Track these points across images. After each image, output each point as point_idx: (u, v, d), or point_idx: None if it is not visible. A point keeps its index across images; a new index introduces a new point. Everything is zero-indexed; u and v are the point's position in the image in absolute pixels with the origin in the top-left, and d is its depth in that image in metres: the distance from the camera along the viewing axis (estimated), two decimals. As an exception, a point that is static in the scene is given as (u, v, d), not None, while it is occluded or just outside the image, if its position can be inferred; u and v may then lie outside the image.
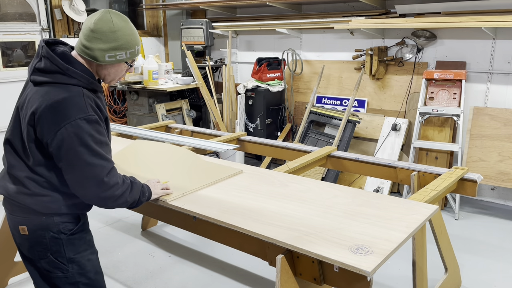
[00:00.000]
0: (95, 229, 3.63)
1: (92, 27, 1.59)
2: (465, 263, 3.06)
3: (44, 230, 1.65)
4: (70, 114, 1.52)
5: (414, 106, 4.28)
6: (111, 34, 1.60)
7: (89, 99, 1.58)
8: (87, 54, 1.61)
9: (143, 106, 5.16)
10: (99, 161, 1.55)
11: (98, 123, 1.58)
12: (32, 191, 1.62)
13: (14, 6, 4.91)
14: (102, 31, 1.59)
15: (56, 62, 1.57)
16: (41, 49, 1.59)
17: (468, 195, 2.45)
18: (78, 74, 1.58)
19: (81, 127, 1.52)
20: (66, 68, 1.57)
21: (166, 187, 1.95)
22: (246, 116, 5.06)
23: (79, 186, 1.57)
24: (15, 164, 1.65)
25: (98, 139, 1.57)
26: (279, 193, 2.06)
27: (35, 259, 1.70)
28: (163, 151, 2.45)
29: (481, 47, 3.95)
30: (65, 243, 1.68)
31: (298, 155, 2.92)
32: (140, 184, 1.77)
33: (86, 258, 1.74)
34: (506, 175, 3.72)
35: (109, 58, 1.62)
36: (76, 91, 1.56)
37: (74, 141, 1.51)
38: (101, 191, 1.57)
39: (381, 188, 4.21)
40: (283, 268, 1.63)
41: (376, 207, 1.87)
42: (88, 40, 1.60)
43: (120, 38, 1.62)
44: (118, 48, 1.62)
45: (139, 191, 1.74)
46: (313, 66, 5.01)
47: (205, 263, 3.14)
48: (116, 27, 1.61)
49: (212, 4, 5.24)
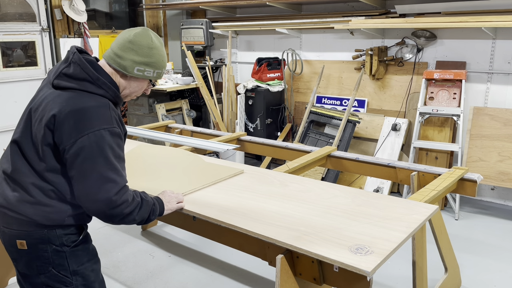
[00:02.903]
0: (95, 229, 3.63)
1: (130, 39, 1.60)
2: (465, 263, 3.06)
3: (46, 243, 1.58)
4: (95, 123, 1.49)
5: (414, 106, 4.28)
6: (147, 50, 1.62)
7: (114, 112, 1.57)
8: (117, 63, 1.61)
9: (143, 106, 5.16)
10: (113, 176, 1.51)
11: (120, 138, 1.56)
12: (36, 199, 1.55)
13: (14, 6, 4.91)
14: (140, 44, 1.61)
15: (87, 70, 1.55)
16: (72, 55, 1.58)
17: (468, 195, 2.45)
18: (107, 85, 1.57)
19: (104, 138, 1.49)
20: (96, 78, 1.55)
21: (180, 200, 1.88)
22: (246, 116, 5.06)
23: (86, 199, 1.51)
24: (20, 169, 1.58)
25: (117, 153, 1.54)
26: (279, 193, 2.06)
27: (33, 274, 1.61)
28: (165, 153, 2.45)
29: (481, 47, 3.95)
30: (68, 255, 1.62)
31: (298, 155, 2.92)
32: (151, 201, 1.69)
33: (90, 268, 1.69)
34: (506, 175, 3.72)
35: (137, 71, 1.63)
36: (103, 102, 1.55)
37: (94, 150, 1.47)
38: (108, 208, 1.51)
39: (381, 188, 4.21)
40: (283, 268, 1.63)
41: (376, 207, 1.87)
42: (122, 50, 1.60)
43: (154, 56, 1.64)
44: (149, 64, 1.64)
45: (149, 210, 1.66)
46: (313, 66, 5.01)
47: (205, 263, 3.14)
48: (154, 44, 1.64)
49: (212, 4, 5.24)
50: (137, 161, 2.36)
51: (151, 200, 1.70)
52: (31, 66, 5.08)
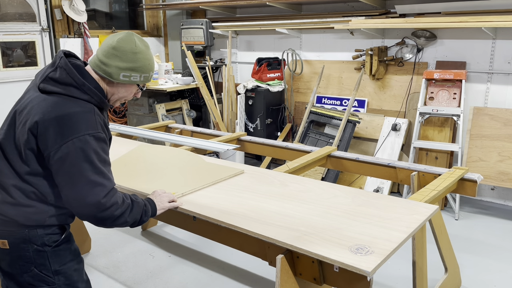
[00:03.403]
0: (95, 229, 3.63)
1: (114, 45, 1.60)
2: (465, 263, 3.06)
3: (27, 243, 1.58)
4: (80, 128, 1.49)
5: (414, 106, 4.28)
6: (131, 55, 1.61)
7: (99, 117, 1.57)
8: (102, 70, 1.61)
9: (143, 106, 5.16)
10: (101, 180, 1.52)
11: (105, 142, 1.57)
12: (17, 201, 1.56)
13: (14, 6, 4.91)
14: (123, 50, 1.60)
15: (73, 75, 1.55)
16: (58, 59, 1.57)
17: (468, 195, 2.45)
18: (92, 91, 1.57)
19: (89, 143, 1.50)
20: (82, 83, 1.55)
21: (173, 199, 1.89)
22: (246, 116, 5.06)
23: (76, 204, 1.52)
24: (2, 170, 1.59)
25: (102, 158, 1.54)
26: (279, 193, 2.06)
27: (17, 273, 1.62)
28: (165, 153, 2.45)
29: (481, 47, 3.95)
30: (50, 255, 1.62)
31: (298, 155, 2.92)
32: (142, 203, 1.71)
33: (72, 268, 1.69)
34: (506, 175, 3.72)
35: (123, 77, 1.62)
36: (88, 107, 1.55)
37: (79, 156, 1.48)
38: (98, 211, 1.52)
39: (381, 188, 4.21)
40: (283, 268, 1.63)
41: (376, 207, 1.87)
42: (106, 57, 1.60)
43: (139, 60, 1.63)
44: (134, 69, 1.63)
45: (140, 211, 1.68)
46: (313, 66, 5.01)
47: (205, 263, 3.14)
48: (138, 49, 1.63)
49: (212, 4, 5.24)
50: (138, 161, 2.37)
51: (142, 202, 1.71)
52: (31, 66, 5.08)
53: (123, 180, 2.18)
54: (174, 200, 1.91)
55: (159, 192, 1.88)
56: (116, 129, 3.50)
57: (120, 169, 2.32)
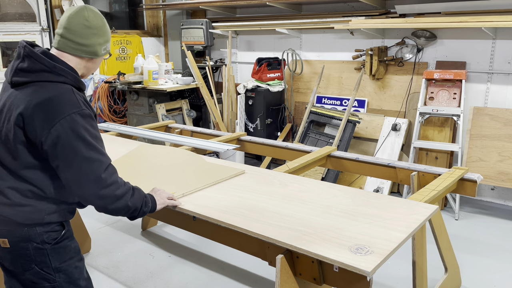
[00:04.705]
0: (95, 229, 3.63)
1: (88, 24, 1.58)
2: (465, 263, 3.06)
3: (27, 241, 1.58)
4: (63, 109, 1.49)
5: (414, 106, 4.28)
6: (103, 27, 1.64)
7: (79, 96, 1.56)
8: (85, 52, 1.60)
9: (143, 106, 5.16)
10: (96, 155, 1.52)
11: (92, 118, 1.56)
12: (13, 201, 1.56)
13: (14, 6, 4.91)
14: (98, 26, 1.61)
15: (42, 60, 1.53)
16: (22, 49, 1.55)
17: (468, 195, 2.45)
18: (65, 71, 1.56)
19: (76, 121, 1.49)
20: (52, 66, 1.54)
21: (172, 197, 1.90)
22: (246, 116, 5.06)
23: (76, 185, 1.52)
24: None
25: (93, 134, 1.54)
26: (279, 193, 2.06)
27: (19, 271, 1.63)
28: (166, 153, 2.45)
29: (481, 47, 3.95)
30: (50, 253, 1.62)
31: (298, 155, 2.92)
32: (143, 193, 1.72)
33: (73, 266, 1.69)
34: (506, 175, 3.72)
35: (103, 51, 1.65)
36: (66, 88, 1.54)
37: (70, 136, 1.48)
38: (99, 188, 1.52)
39: (381, 188, 4.21)
40: (283, 268, 1.63)
41: (376, 207, 1.87)
42: (85, 38, 1.59)
43: (107, 30, 1.67)
44: (108, 40, 1.67)
45: (141, 199, 1.68)
46: (313, 66, 5.01)
47: (205, 263, 3.14)
48: (104, 20, 1.65)
49: (212, 4, 5.24)
50: (138, 161, 2.37)
51: (142, 192, 1.72)
52: (31, 66, 5.07)
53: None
54: (174, 199, 1.91)
55: (158, 189, 1.88)
56: (116, 129, 3.50)
57: (120, 169, 2.31)
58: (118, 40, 5.95)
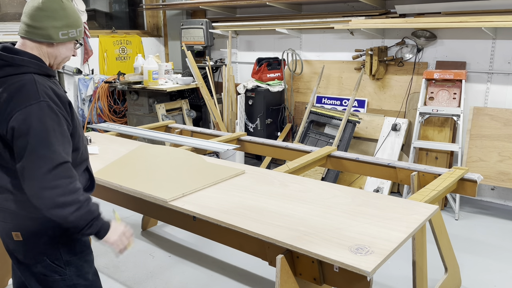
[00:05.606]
0: (95, 229, 3.63)
1: (40, 6, 1.55)
2: (465, 263, 3.06)
3: (39, 234, 1.61)
4: (21, 102, 1.46)
5: (414, 106, 4.29)
6: (62, 11, 1.58)
7: (42, 85, 1.52)
8: (39, 35, 1.56)
9: (143, 106, 5.16)
10: (45, 151, 1.44)
11: (51, 110, 1.49)
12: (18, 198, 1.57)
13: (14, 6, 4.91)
14: (53, 8, 1.56)
15: (2, 56, 1.52)
16: None
17: (468, 195, 2.46)
18: (26, 60, 1.53)
19: (30, 114, 1.45)
20: (11, 58, 1.52)
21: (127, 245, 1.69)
22: (246, 116, 5.06)
23: (22, 178, 1.46)
24: None
25: (50, 127, 1.47)
26: (279, 193, 2.06)
27: (32, 263, 1.65)
28: (166, 153, 2.45)
29: (481, 47, 3.96)
30: (61, 246, 1.64)
31: (298, 155, 2.92)
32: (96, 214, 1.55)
33: (83, 259, 1.72)
34: (506, 175, 3.72)
35: (62, 36, 1.59)
36: (27, 78, 1.51)
37: (22, 128, 1.44)
38: (38, 186, 1.43)
39: (381, 188, 4.21)
40: (283, 268, 1.63)
41: (376, 207, 1.87)
42: (38, 20, 1.55)
43: (70, 16, 1.60)
44: (70, 26, 1.60)
45: (88, 219, 1.52)
46: (313, 66, 5.01)
47: (205, 263, 3.14)
48: (65, 5, 1.60)
49: (212, 4, 5.24)
50: (138, 161, 2.37)
51: (97, 214, 1.56)
52: (31, 66, 5.07)
53: (123, 180, 2.18)
54: (126, 247, 1.69)
55: (120, 225, 1.67)
56: (116, 129, 3.50)
57: (121, 169, 2.32)
58: (118, 40, 5.95)
